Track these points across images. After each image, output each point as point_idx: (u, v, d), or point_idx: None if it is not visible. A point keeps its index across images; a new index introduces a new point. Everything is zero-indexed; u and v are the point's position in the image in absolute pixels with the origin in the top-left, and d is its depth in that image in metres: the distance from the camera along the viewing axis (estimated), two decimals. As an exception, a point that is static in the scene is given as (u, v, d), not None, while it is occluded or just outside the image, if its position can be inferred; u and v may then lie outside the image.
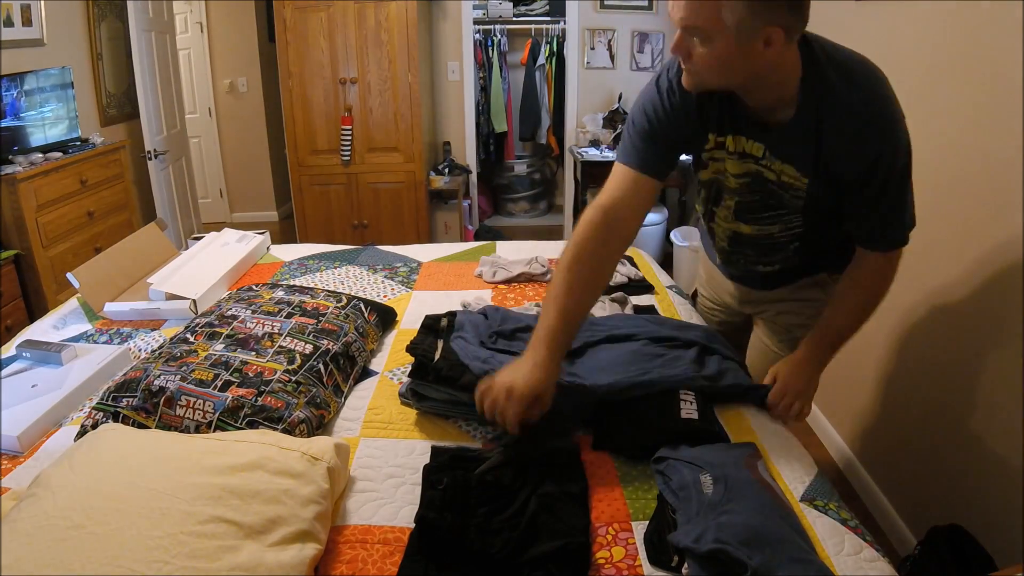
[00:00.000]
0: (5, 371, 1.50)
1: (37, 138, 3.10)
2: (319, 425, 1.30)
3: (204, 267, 2.05)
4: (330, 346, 1.47)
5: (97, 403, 1.27)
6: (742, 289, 1.60)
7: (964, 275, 1.71)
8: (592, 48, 4.38)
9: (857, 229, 1.26)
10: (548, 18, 4.71)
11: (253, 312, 1.56)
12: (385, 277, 2.11)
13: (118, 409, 1.24)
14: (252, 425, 1.21)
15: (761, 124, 1.20)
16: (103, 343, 1.71)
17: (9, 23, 3.14)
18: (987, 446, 1.61)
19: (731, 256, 1.49)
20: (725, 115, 1.23)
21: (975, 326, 1.68)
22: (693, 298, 1.95)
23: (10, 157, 2.89)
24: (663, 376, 1.31)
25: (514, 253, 2.24)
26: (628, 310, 1.81)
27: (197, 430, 1.21)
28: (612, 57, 4.40)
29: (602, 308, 1.76)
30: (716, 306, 1.76)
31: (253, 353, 1.39)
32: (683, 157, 1.38)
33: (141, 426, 1.22)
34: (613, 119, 4.20)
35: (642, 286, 1.98)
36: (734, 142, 1.24)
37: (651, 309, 1.84)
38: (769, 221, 1.32)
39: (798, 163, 1.19)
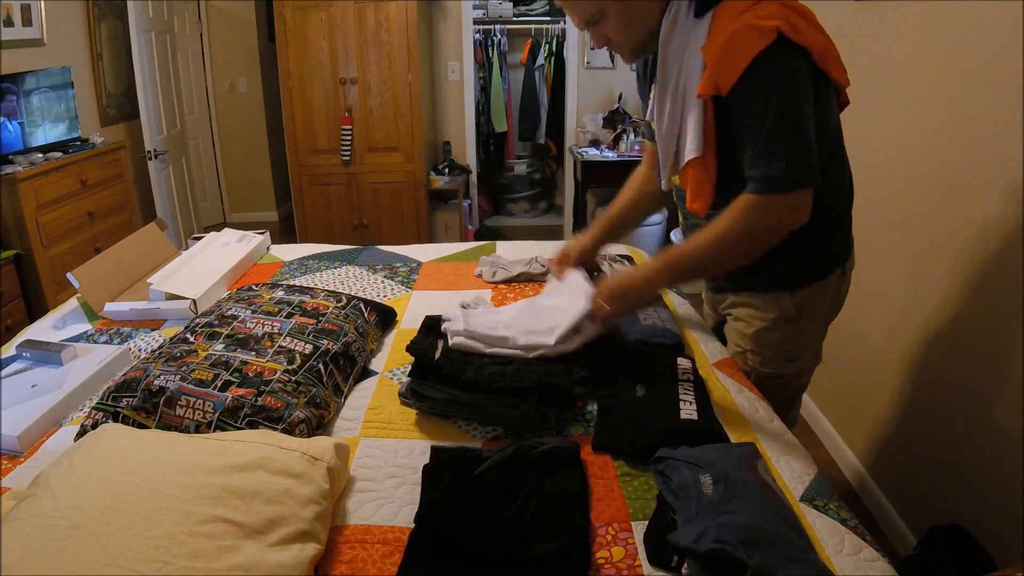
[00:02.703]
0: (5, 371, 1.50)
1: (37, 138, 3.10)
2: (319, 425, 1.30)
3: (204, 267, 2.05)
4: (330, 346, 1.47)
5: (97, 403, 1.27)
6: (713, 298, 1.65)
7: (965, 278, 1.71)
8: (592, 48, 4.38)
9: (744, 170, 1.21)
10: (548, 18, 4.71)
11: (253, 312, 1.56)
12: (385, 277, 2.11)
13: (118, 409, 1.24)
14: (252, 425, 1.21)
15: None
16: (103, 343, 1.71)
17: (9, 23, 3.14)
18: (987, 446, 1.61)
19: (689, 219, 1.48)
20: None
21: (975, 328, 1.68)
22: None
23: (10, 157, 2.89)
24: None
25: (514, 253, 2.24)
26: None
27: (197, 430, 1.21)
28: (612, 57, 4.39)
29: (609, 268, 1.89)
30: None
31: (253, 353, 1.39)
32: None
33: (141, 426, 1.22)
34: (613, 119, 4.20)
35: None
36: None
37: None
38: None
39: None
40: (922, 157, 1.88)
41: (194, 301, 1.82)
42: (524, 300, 1.64)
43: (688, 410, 1.26)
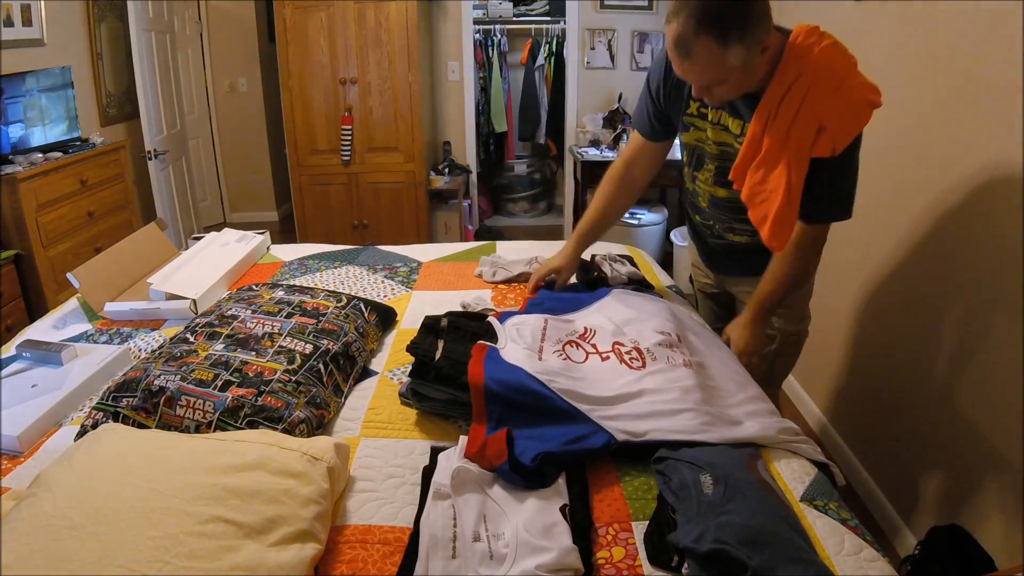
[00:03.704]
0: (5, 371, 1.50)
1: (37, 138, 3.10)
2: (319, 425, 1.30)
3: (204, 267, 2.05)
4: (330, 346, 1.46)
5: (97, 403, 1.27)
6: (718, 277, 1.84)
7: (966, 278, 1.71)
8: (592, 48, 4.38)
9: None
10: (548, 18, 4.71)
11: (253, 312, 1.56)
12: (385, 277, 2.11)
13: (118, 409, 1.24)
14: (252, 425, 1.21)
15: (742, 100, 1.39)
16: (103, 343, 1.71)
17: (9, 23, 3.14)
18: (987, 446, 1.61)
19: (708, 219, 1.67)
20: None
21: (976, 328, 1.68)
22: (690, 282, 2.09)
23: (10, 157, 2.89)
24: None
25: (514, 253, 2.24)
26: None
27: (197, 430, 1.21)
28: (612, 57, 4.40)
29: (610, 268, 1.95)
30: (706, 281, 1.94)
31: (253, 353, 1.39)
32: None
33: (141, 426, 1.22)
34: (613, 119, 4.20)
35: (642, 285, 1.98)
36: (715, 114, 1.47)
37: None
38: None
39: None
40: (922, 156, 1.88)
41: (194, 301, 1.82)
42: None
43: (688, 410, 1.26)
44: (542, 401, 1.23)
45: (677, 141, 1.67)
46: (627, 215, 4.01)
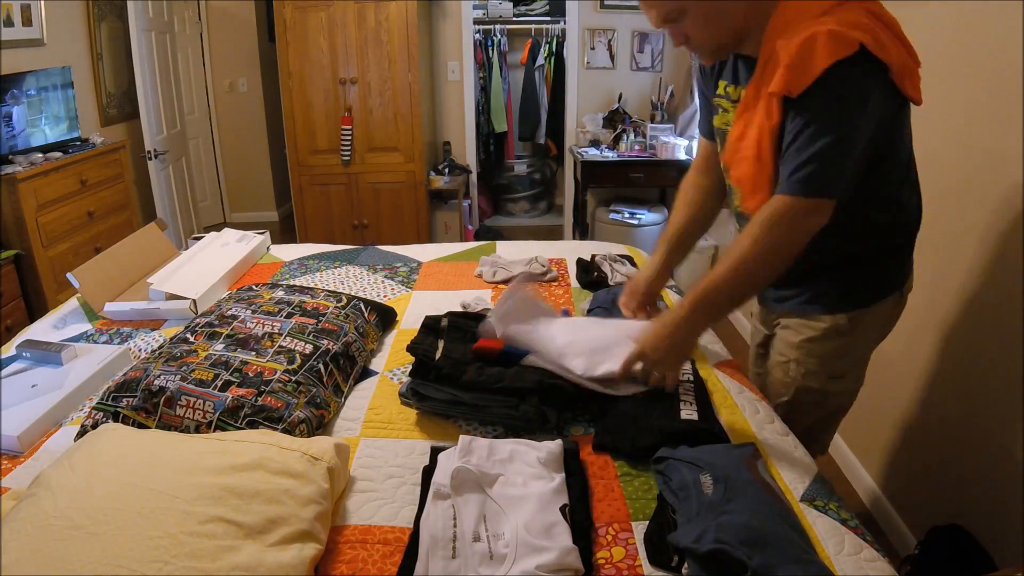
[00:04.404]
0: (5, 371, 1.49)
1: (37, 138, 3.10)
2: (319, 425, 1.29)
3: (204, 267, 2.05)
4: (330, 346, 1.46)
5: (97, 403, 1.27)
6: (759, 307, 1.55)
7: (964, 280, 1.71)
8: (592, 48, 4.38)
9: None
10: (548, 18, 4.71)
11: (253, 312, 1.56)
12: (385, 277, 2.11)
13: (118, 409, 1.24)
14: (252, 425, 1.21)
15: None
16: (103, 343, 1.71)
17: (9, 23, 3.14)
18: (987, 446, 1.61)
19: (741, 220, 1.39)
20: (731, 66, 1.29)
21: (976, 328, 1.68)
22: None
23: (10, 157, 2.89)
24: None
25: (514, 253, 2.24)
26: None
27: (197, 430, 1.21)
28: (612, 57, 4.39)
29: (610, 268, 1.94)
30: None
31: (253, 353, 1.39)
32: None
33: (141, 426, 1.22)
34: (613, 119, 4.20)
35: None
36: (735, 91, 1.28)
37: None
38: None
39: None
40: (924, 156, 1.88)
41: (194, 301, 1.82)
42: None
43: (688, 411, 1.26)
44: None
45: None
46: (627, 215, 4.01)
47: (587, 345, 1.38)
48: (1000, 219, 1.57)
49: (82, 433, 1.22)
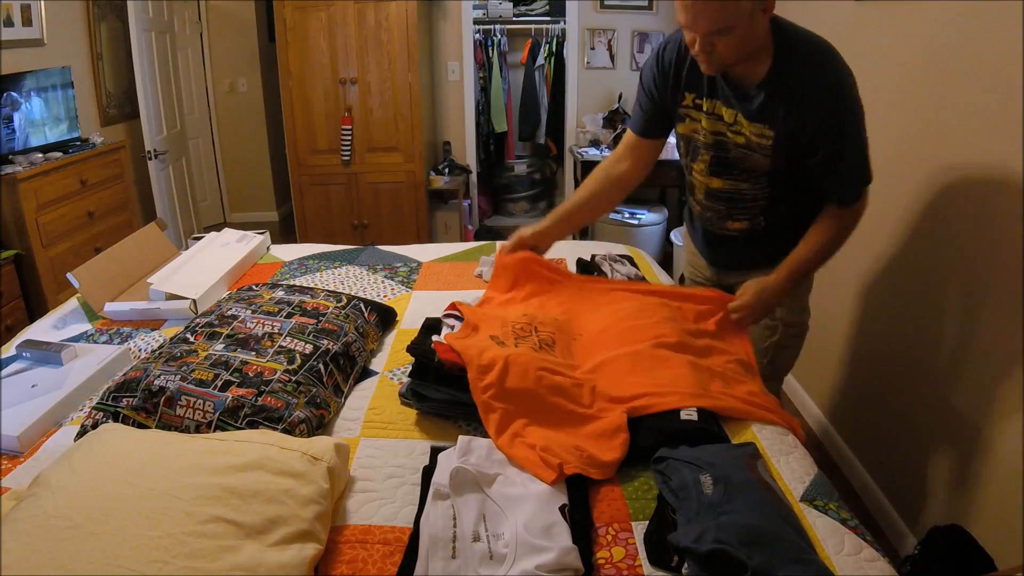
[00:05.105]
0: (5, 371, 1.50)
1: (37, 138, 3.10)
2: (319, 425, 1.30)
3: (204, 267, 2.04)
4: (330, 346, 1.46)
5: (97, 403, 1.27)
6: (717, 272, 1.80)
7: (966, 277, 1.71)
8: (592, 48, 4.38)
9: (822, 187, 1.47)
10: (548, 18, 4.70)
11: (253, 312, 1.56)
12: (385, 277, 2.11)
13: (118, 409, 1.24)
14: (252, 425, 1.21)
15: (736, 90, 1.42)
16: (103, 343, 1.71)
17: (9, 23, 3.14)
18: (987, 446, 1.61)
19: (706, 210, 1.66)
20: (702, 79, 1.46)
21: (976, 327, 1.68)
22: (680, 282, 2.08)
23: (10, 157, 2.89)
24: None
25: (514, 253, 2.23)
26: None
27: (197, 430, 1.21)
28: (612, 57, 4.39)
29: (610, 268, 1.96)
30: (704, 276, 1.89)
31: (253, 353, 1.39)
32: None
33: (141, 426, 1.22)
34: (613, 119, 4.20)
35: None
36: (710, 104, 1.48)
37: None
38: (739, 178, 1.53)
39: (768, 123, 1.39)
40: (922, 155, 1.88)
41: (194, 301, 1.82)
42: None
43: (688, 411, 1.26)
44: None
45: (672, 140, 1.67)
46: (627, 215, 4.01)
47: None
48: (986, 210, 1.57)
49: (82, 433, 1.22)
